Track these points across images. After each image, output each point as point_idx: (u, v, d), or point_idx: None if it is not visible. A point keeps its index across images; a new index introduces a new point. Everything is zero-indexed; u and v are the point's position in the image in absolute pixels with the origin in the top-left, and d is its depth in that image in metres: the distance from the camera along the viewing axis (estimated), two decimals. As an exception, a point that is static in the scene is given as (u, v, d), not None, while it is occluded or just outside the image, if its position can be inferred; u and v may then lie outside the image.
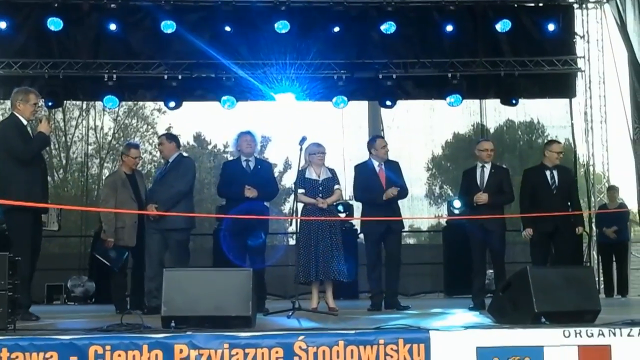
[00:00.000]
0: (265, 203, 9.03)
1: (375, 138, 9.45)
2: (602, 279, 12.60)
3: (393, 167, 9.25)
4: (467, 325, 5.28)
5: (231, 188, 8.78)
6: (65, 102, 15.27)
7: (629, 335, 5.07)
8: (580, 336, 5.02)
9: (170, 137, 9.37)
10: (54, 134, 24.97)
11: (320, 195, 8.48)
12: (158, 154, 8.22)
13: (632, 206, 12.77)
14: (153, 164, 24.36)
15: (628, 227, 12.89)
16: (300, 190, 8.45)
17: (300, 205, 8.51)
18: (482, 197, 8.97)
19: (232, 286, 5.62)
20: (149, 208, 8.63)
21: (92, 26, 12.72)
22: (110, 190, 9.24)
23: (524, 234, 9.31)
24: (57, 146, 24.99)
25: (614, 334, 5.06)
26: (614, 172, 13.72)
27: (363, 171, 9.21)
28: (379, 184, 9.06)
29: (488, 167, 9.20)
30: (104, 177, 23.42)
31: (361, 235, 14.08)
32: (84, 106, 19.89)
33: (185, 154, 9.26)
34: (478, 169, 9.21)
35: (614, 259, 12.55)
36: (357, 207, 13.82)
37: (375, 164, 9.16)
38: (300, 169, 8.54)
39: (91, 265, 12.42)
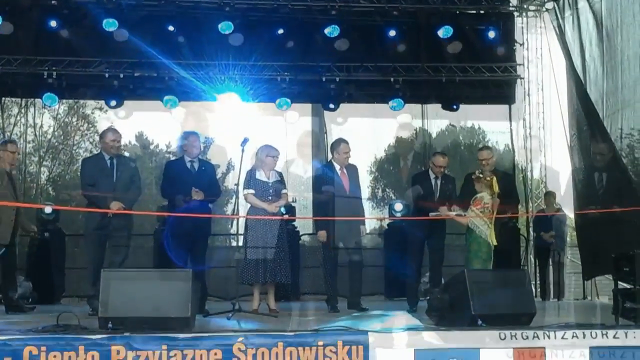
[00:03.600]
0: (209, 205, 8.97)
1: (340, 142, 9.27)
2: (538, 282, 12.82)
3: (352, 171, 9.25)
4: (405, 328, 5.34)
5: (175, 189, 8.64)
6: (3, 98, 14.97)
7: (562, 337, 5.19)
8: (516, 338, 5.13)
9: None
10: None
11: (270, 197, 8.50)
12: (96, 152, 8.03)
13: (568, 211, 13.02)
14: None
15: (565, 231, 13.14)
16: (250, 191, 8.44)
17: (246, 206, 8.52)
18: (444, 209, 9.08)
19: (171, 287, 5.59)
20: (113, 205, 8.25)
21: (32, 22, 12.42)
22: None
23: None
24: (-6, 143, 24.47)
25: (549, 337, 5.17)
26: (551, 178, 13.96)
27: (327, 172, 9.16)
28: (342, 186, 9.03)
29: (440, 177, 9.34)
30: (42, 176, 23.05)
31: (304, 237, 14.19)
32: (23, 103, 19.50)
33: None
34: (432, 179, 9.34)
35: (550, 263, 12.79)
36: (299, 210, 13.86)
37: (337, 167, 9.15)
38: (250, 168, 8.54)
39: (29, 264, 12.18)
